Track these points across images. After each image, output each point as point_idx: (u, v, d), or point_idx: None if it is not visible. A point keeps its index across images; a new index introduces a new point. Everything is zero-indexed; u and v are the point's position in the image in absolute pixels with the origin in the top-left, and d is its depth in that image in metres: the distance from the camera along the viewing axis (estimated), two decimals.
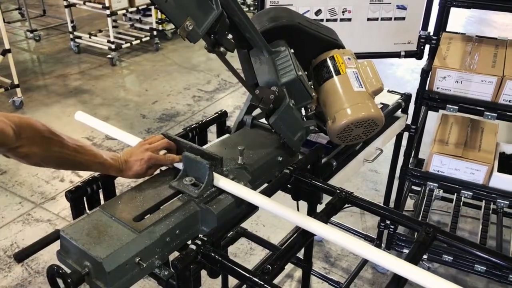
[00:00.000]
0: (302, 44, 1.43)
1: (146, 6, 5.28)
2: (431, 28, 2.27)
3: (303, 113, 1.42)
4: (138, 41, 5.29)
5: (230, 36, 1.20)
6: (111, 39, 4.95)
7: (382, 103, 1.88)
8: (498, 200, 2.09)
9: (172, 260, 0.99)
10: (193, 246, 1.02)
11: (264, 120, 1.39)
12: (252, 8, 6.40)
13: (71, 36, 5.25)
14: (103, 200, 1.23)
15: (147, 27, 5.55)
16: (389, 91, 1.99)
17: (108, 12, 4.79)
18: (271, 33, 1.35)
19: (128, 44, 5.18)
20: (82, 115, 1.50)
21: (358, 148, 1.65)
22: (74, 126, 3.50)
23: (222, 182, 1.17)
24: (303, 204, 1.43)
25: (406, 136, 2.14)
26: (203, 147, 1.29)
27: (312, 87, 1.42)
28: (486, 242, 2.18)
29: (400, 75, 4.84)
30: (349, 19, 2.21)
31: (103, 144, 3.53)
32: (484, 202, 2.46)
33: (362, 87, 1.43)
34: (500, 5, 2.05)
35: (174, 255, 1.04)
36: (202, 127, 1.54)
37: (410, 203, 2.82)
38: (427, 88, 2.06)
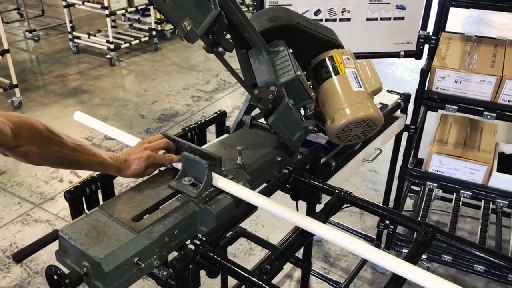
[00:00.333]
0: (301, 44, 1.43)
1: (145, 6, 5.28)
2: (430, 28, 2.27)
3: (302, 113, 1.42)
4: (137, 41, 5.29)
5: (228, 36, 1.20)
6: (110, 39, 4.95)
7: (381, 103, 1.88)
8: (497, 200, 2.09)
9: (170, 260, 0.99)
10: (192, 246, 1.01)
11: (263, 120, 1.38)
12: (251, 8, 6.39)
13: (70, 36, 5.25)
14: (102, 200, 1.23)
15: (146, 27, 5.55)
16: (388, 91, 1.99)
17: (107, 12, 4.79)
18: (270, 33, 1.35)
19: (127, 44, 5.18)
20: (81, 115, 1.49)
21: (357, 148, 1.64)
22: (73, 126, 3.49)
23: (221, 182, 1.17)
24: (302, 204, 1.42)
25: (405, 136, 2.15)
26: (202, 147, 1.29)
27: (311, 87, 1.42)
28: (485, 242, 2.18)
29: (399, 75, 4.84)
30: (348, 19, 2.21)
31: (102, 144, 3.53)
32: (483, 202, 2.47)
33: (361, 87, 1.43)
34: (499, 5, 2.06)
35: (173, 255, 1.04)
36: (201, 127, 1.53)
37: (409, 203, 2.82)
38: (426, 88, 2.06)
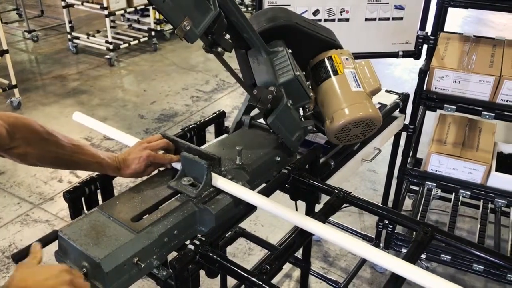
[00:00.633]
0: (300, 44, 1.43)
1: (144, 7, 5.27)
2: (428, 28, 2.27)
3: (301, 113, 1.42)
4: (136, 41, 5.29)
5: (228, 36, 1.20)
6: (109, 39, 4.95)
7: (380, 103, 1.88)
8: (496, 199, 2.09)
9: (170, 260, 0.99)
10: (191, 246, 1.02)
11: (262, 120, 1.39)
12: (250, 8, 6.40)
13: (69, 36, 5.24)
14: (101, 201, 1.23)
15: (145, 27, 5.55)
16: (387, 91, 1.99)
17: (106, 12, 4.78)
18: (269, 33, 1.35)
19: (126, 45, 5.17)
20: (80, 115, 1.49)
21: (356, 148, 1.65)
22: (72, 127, 3.48)
23: (220, 182, 1.17)
24: (302, 204, 1.43)
25: (404, 136, 2.15)
26: (201, 147, 1.29)
27: (310, 87, 1.42)
28: (484, 242, 2.18)
29: (398, 75, 4.84)
30: (347, 19, 2.21)
31: (101, 144, 3.53)
32: (482, 201, 2.47)
33: (360, 87, 1.43)
34: (497, 5, 2.06)
35: (173, 255, 1.04)
36: (200, 127, 1.54)
37: (408, 203, 2.82)
38: (425, 88, 2.06)
